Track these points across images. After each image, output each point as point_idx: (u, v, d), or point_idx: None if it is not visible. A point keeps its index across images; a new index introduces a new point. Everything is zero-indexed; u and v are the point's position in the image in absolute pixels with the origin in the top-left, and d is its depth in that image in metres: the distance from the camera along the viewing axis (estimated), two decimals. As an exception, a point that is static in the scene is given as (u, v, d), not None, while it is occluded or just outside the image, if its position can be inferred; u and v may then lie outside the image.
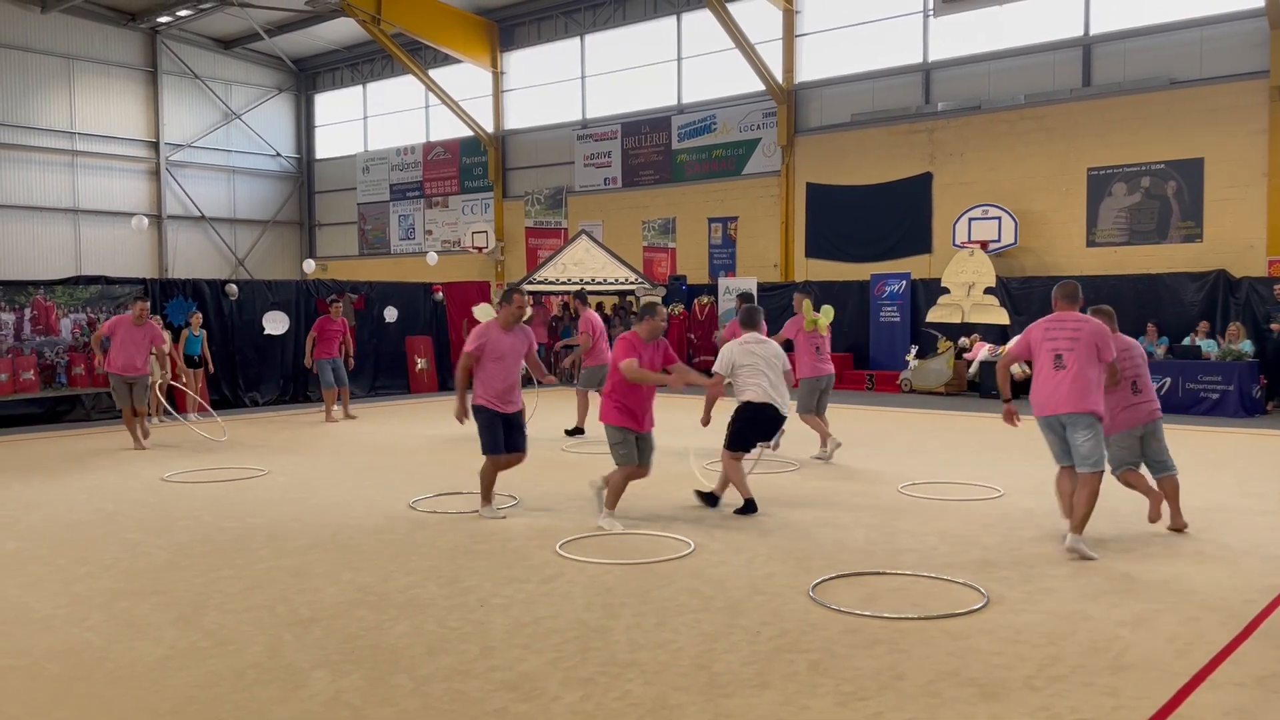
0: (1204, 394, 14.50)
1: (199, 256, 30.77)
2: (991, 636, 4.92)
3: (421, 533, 7.20)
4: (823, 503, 8.22)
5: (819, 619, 5.20)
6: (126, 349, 11.58)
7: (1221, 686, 4.31)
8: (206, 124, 31.19)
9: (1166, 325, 16.07)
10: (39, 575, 6.12)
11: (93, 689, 4.33)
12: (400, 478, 9.51)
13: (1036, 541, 6.86)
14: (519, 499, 8.32)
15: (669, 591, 5.69)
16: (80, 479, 9.58)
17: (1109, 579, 5.92)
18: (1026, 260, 18.87)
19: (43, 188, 27.90)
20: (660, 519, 7.64)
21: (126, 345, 11.58)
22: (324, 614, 5.32)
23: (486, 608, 5.41)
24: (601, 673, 4.47)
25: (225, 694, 4.26)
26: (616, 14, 25.26)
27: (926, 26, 20.46)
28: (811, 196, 21.81)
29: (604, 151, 25.74)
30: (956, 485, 8.95)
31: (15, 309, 13.81)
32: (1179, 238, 17.42)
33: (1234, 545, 6.74)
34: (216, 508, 8.14)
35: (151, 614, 5.33)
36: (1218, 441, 11.93)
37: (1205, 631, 4.99)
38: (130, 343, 11.60)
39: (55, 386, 14.19)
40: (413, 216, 30.50)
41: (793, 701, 4.16)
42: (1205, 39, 17.36)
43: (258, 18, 28.28)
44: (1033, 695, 4.21)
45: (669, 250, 23.66)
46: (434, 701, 4.17)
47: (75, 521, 7.66)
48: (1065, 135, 18.49)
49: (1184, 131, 17.26)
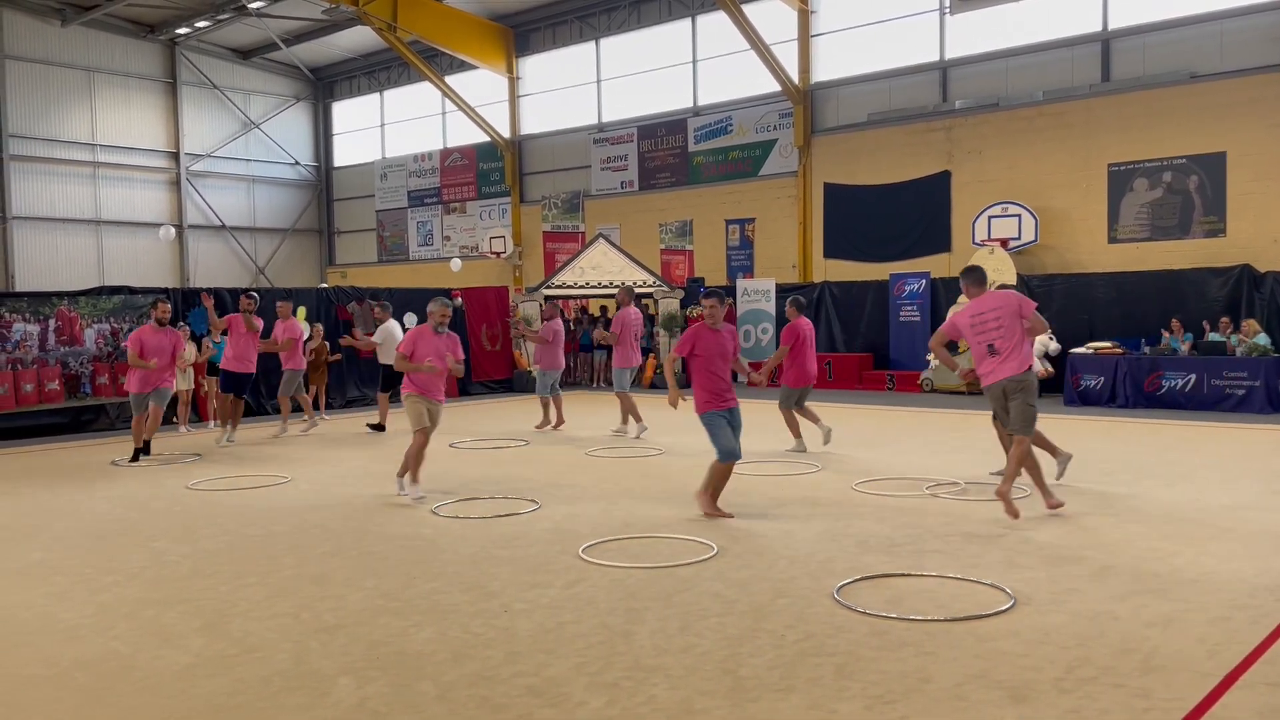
0: (1230, 390, 14.35)
1: (220, 265, 31.01)
2: (1019, 638, 4.87)
3: (444, 538, 7.21)
4: (845, 504, 8.18)
5: (844, 622, 5.17)
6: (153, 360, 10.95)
7: (1254, 686, 4.25)
8: (226, 134, 31.42)
9: (1190, 321, 15.92)
10: (65, 585, 6.16)
11: (120, 698, 4.35)
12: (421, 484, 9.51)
13: (1063, 542, 6.79)
14: (540, 502, 8.32)
15: (692, 595, 5.67)
16: (105, 488, 9.65)
17: (1137, 579, 5.85)
18: (1047, 258, 18.74)
19: (65, 199, 28.18)
20: (682, 522, 7.62)
21: (153, 359, 10.96)
22: (348, 620, 5.33)
23: (510, 613, 5.41)
24: (626, 677, 4.46)
25: (251, 701, 4.27)
26: (631, 17, 25.28)
27: (943, 24, 20.38)
28: (829, 197, 21.75)
29: (620, 155, 25.75)
30: (980, 485, 8.89)
31: (40, 320, 13.94)
32: (1201, 233, 17.26)
33: (1263, 543, 6.66)
34: (240, 515, 8.18)
35: (177, 622, 5.36)
36: (1245, 438, 11.80)
37: (1236, 631, 4.93)
38: (158, 354, 11.01)
39: (80, 396, 14.31)
40: (431, 222, 30.61)
41: (819, 705, 4.13)
42: (1225, 32, 17.20)
43: (275, 28, 28.47)
44: (1062, 697, 4.16)
45: (686, 252, 23.64)
46: (459, 707, 4.17)
47: (101, 531, 7.71)
48: (1085, 131, 18.36)
49: (1205, 125, 17.11)
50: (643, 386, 20.41)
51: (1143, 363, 15.12)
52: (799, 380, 11.22)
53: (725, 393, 7.74)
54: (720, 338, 7.79)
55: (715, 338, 7.78)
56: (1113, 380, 15.30)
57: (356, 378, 17.98)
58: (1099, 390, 15.41)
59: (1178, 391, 14.73)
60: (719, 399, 7.71)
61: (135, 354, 10.97)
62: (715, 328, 7.82)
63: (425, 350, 8.65)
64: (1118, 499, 8.22)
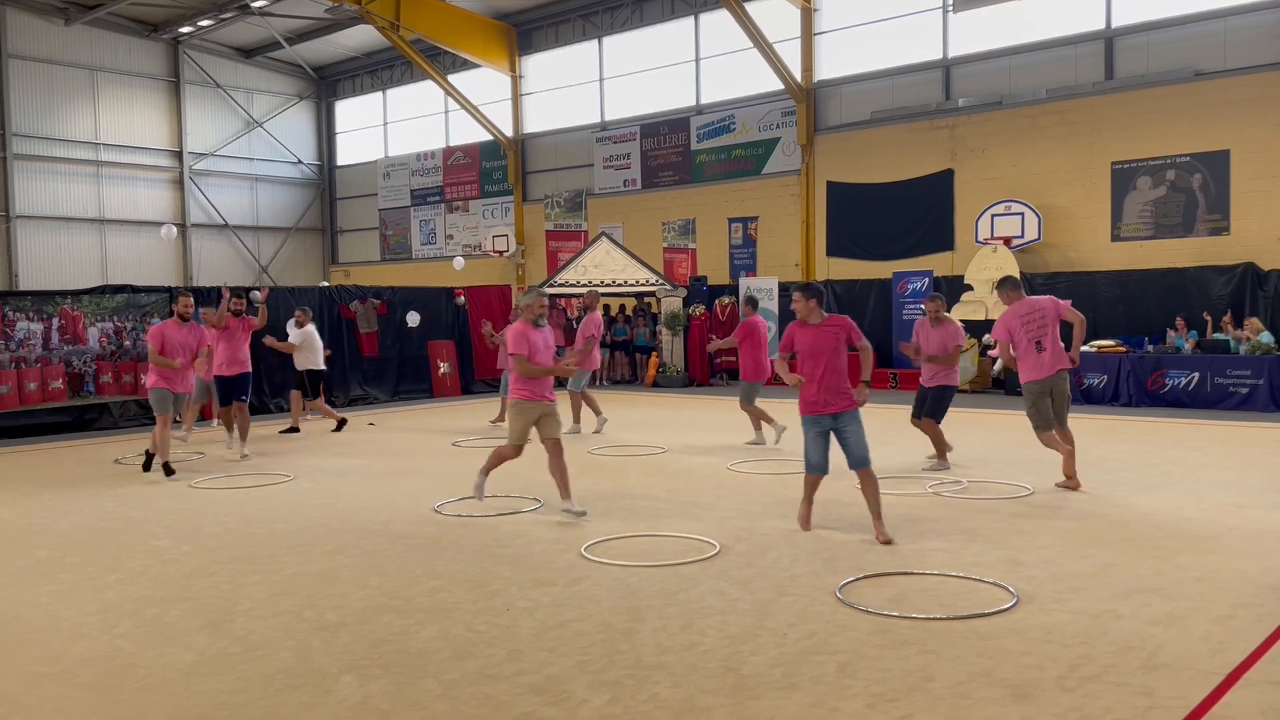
0: (1233, 388, 14.34)
1: (223, 264, 31.03)
2: (1022, 636, 4.87)
3: (447, 537, 7.22)
4: (848, 502, 8.17)
5: (847, 620, 5.17)
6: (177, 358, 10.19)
7: (1257, 685, 4.25)
8: (229, 132, 31.45)
9: (1194, 320, 15.90)
10: (70, 583, 6.17)
11: (124, 696, 4.36)
12: (424, 482, 9.54)
13: (1065, 540, 6.79)
14: (543, 501, 8.32)
15: (695, 593, 5.67)
16: (109, 487, 9.66)
17: (1139, 577, 5.85)
18: (1050, 256, 18.72)
19: (69, 198, 28.21)
20: (685, 521, 7.62)
21: (176, 356, 10.19)
22: (351, 619, 5.33)
23: (513, 611, 5.41)
24: (629, 675, 4.46)
25: (254, 699, 4.27)
26: (634, 16, 25.27)
27: (946, 22, 20.35)
28: (832, 195, 21.73)
29: (623, 153, 25.75)
30: (984, 484, 8.89)
31: (43, 319, 13.96)
32: (1205, 231, 17.23)
33: (1266, 541, 6.65)
34: (243, 514, 8.19)
35: (181, 621, 5.37)
36: (1248, 436, 11.79)
37: (1239, 629, 4.92)
38: (180, 351, 10.21)
39: (83, 395, 14.33)
40: (434, 221, 30.62)
41: (822, 703, 4.13)
42: (1229, 30, 17.17)
43: (278, 26, 28.48)
44: (1065, 696, 4.16)
45: (689, 251, 23.63)
46: (462, 705, 4.17)
47: (105, 529, 7.72)
48: (1088, 129, 18.34)
49: (1209, 123, 17.08)
50: (646, 385, 20.42)
51: (1146, 361, 15.11)
52: (755, 374, 11.66)
53: (820, 398, 6.91)
54: (814, 334, 6.96)
55: (808, 335, 7.00)
56: (1116, 379, 15.29)
57: (360, 377, 18.00)
58: (1102, 389, 15.40)
59: (1181, 390, 14.72)
60: (805, 403, 7.01)
61: (156, 350, 10.05)
62: (806, 322, 7.05)
63: (537, 348, 7.77)
64: (1120, 497, 8.22)
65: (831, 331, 6.94)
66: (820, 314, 7.04)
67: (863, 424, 6.98)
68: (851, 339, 7.02)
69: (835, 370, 6.88)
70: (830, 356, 6.88)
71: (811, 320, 7.03)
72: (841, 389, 6.90)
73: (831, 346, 6.89)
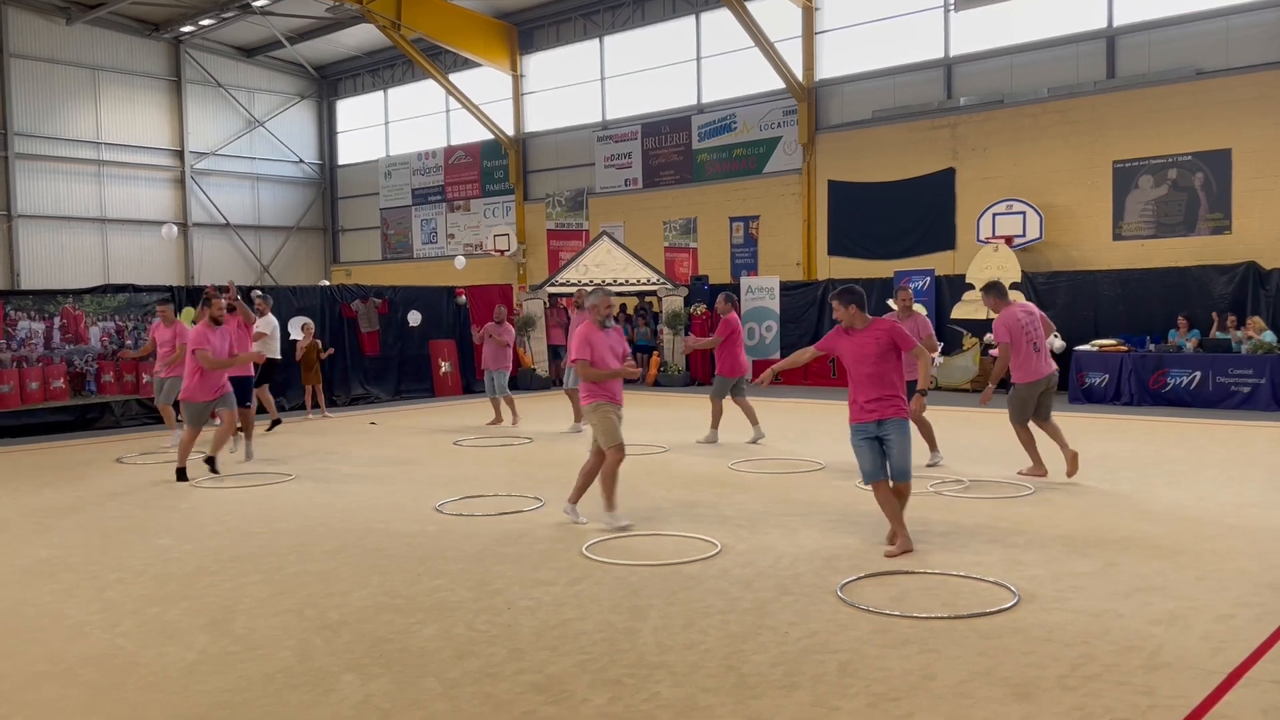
0: (1235, 388, 14.33)
1: (224, 263, 31.03)
2: (1023, 635, 4.87)
3: (448, 536, 7.22)
4: (848, 501, 8.18)
5: (848, 619, 5.17)
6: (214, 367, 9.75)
7: (1258, 684, 4.25)
8: (230, 132, 31.46)
9: (1196, 318, 15.89)
10: (71, 582, 6.18)
11: (125, 695, 4.36)
12: (425, 481, 9.54)
13: (1066, 539, 6.79)
14: (543, 500, 8.32)
15: (696, 592, 5.67)
16: (111, 486, 9.67)
17: (1140, 576, 5.85)
18: (1052, 255, 18.71)
19: (70, 198, 28.23)
20: (686, 520, 7.62)
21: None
22: (352, 618, 5.34)
23: (514, 610, 5.42)
24: (630, 674, 4.46)
25: (255, 698, 4.28)
26: (635, 15, 25.26)
27: (947, 21, 20.34)
28: (833, 194, 21.72)
29: (624, 152, 25.75)
30: (986, 483, 8.89)
31: (45, 318, 13.97)
32: (1207, 230, 17.22)
33: (1267, 540, 6.64)
34: (244, 514, 8.19)
35: (182, 620, 5.37)
36: (1249, 435, 11.78)
37: (1240, 628, 4.92)
38: (220, 355, 9.81)
39: (85, 394, 14.34)
40: (435, 220, 30.63)
41: (823, 702, 4.13)
42: (1231, 28, 17.16)
43: (279, 25, 28.49)
44: (1066, 695, 4.16)
45: (690, 250, 23.62)
46: (463, 704, 4.17)
47: (106, 528, 7.73)
48: (1090, 128, 18.33)
49: (1211, 122, 17.07)
50: (647, 385, 20.41)
51: (1148, 360, 15.10)
52: (733, 370, 11.92)
53: (865, 404, 6.56)
54: (858, 340, 6.61)
55: (851, 341, 6.65)
56: (1118, 377, 15.28)
57: (361, 376, 18.00)
58: (1104, 388, 15.39)
59: (1183, 389, 14.71)
60: (855, 408, 6.64)
61: (211, 355, 9.60)
62: (849, 328, 6.70)
63: (602, 350, 7.45)
64: (1122, 496, 8.21)
65: (875, 337, 6.56)
66: (864, 318, 6.66)
67: (910, 435, 6.64)
68: (898, 344, 6.56)
69: (880, 377, 6.53)
70: (875, 363, 6.52)
71: (856, 325, 6.65)
72: (888, 396, 6.53)
73: (875, 352, 6.51)
